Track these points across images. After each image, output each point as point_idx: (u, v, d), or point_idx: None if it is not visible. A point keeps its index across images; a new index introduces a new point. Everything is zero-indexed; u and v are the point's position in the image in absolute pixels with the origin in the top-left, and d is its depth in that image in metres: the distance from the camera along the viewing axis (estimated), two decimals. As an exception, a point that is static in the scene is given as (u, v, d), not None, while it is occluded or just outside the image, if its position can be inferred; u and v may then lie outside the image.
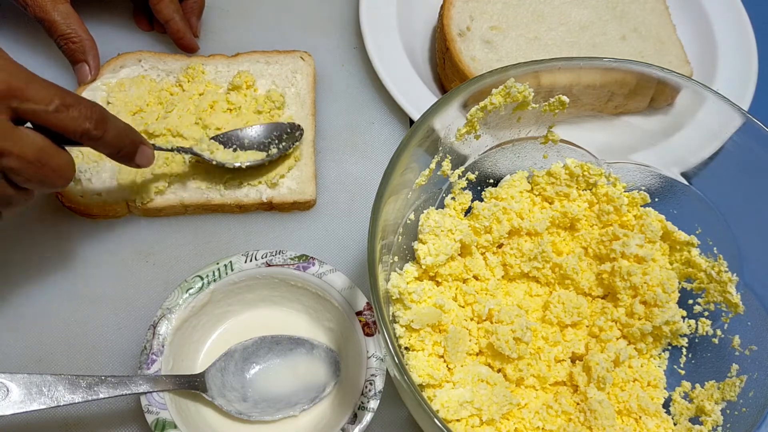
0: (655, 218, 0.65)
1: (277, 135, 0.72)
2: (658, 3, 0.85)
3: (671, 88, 0.64)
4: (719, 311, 0.63)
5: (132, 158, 0.59)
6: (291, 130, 0.73)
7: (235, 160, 0.70)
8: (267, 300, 0.65)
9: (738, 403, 0.59)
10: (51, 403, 0.52)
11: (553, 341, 0.62)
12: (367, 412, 0.57)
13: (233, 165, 0.69)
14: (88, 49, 0.74)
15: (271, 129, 0.72)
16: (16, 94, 0.49)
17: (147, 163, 0.60)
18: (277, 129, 0.72)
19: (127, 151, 0.58)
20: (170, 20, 0.78)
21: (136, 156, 0.58)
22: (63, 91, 0.52)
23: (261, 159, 0.71)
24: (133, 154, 0.58)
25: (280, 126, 0.73)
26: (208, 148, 0.69)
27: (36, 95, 0.50)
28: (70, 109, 0.51)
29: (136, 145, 0.58)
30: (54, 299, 0.67)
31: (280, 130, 0.72)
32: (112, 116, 0.56)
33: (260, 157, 0.71)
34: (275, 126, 0.72)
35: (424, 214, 0.61)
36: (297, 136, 0.73)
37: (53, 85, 0.52)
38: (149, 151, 0.60)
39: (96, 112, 0.54)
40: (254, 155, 0.71)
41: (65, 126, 0.52)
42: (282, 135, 0.72)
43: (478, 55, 0.78)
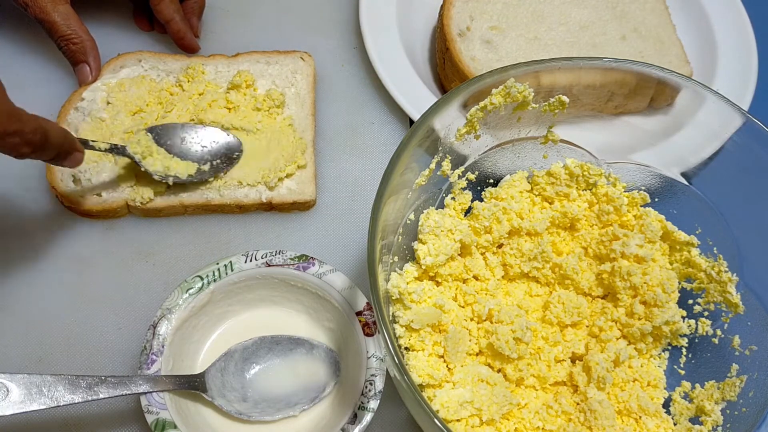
0: (655, 218, 0.65)
1: (216, 149, 0.71)
2: (658, 3, 0.85)
3: (671, 88, 0.64)
4: (719, 311, 0.63)
5: (64, 161, 0.61)
6: (231, 149, 0.72)
7: (164, 172, 0.68)
8: (267, 300, 0.65)
9: (738, 403, 0.59)
10: (51, 403, 0.52)
11: (553, 341, 0.62)
12: (367, 412, 0.57)
13: (161, 178, 0.68)
14: (89, 50, 0.74)
15: (212, 138, 0.71)
16: None
17: (75, 165, 0.62)
18: (218, 142, 0.71)
19: (62, 155, 0.60)
20: (171, 21, 0.78)
21: (66, 160, 0.61)
22: (7, 118, 0.53)
23: (189, 177, 0.69)
24: (67, 157, 0.61)
25: (224, 143, 0.71)
26: (142, 150, 0.67)
27: None
28: (9, 138, 0.53)
29: (69, 153, 0.60)
30: (54, 299, 0.67)
31: (221, 145, 0.71)
32: (53, 130, 0.57)
33: (191, 171, 0.69)
34: (219, 138, 0.71)
35: (424, 214, 0.61)
36: (234, 158, 0.71)
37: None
38: (79, 156, 0.62)
39: (37, 135, 0.55)
40: (185, 168, 0.69)
41: (5, 152, 0.55)
42: (221, 151, 0.71)
43: (478, 55, 0.78)
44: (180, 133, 0.71)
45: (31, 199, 0.71)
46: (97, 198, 0.69)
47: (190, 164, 0.70)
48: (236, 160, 0.72)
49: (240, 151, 0.72)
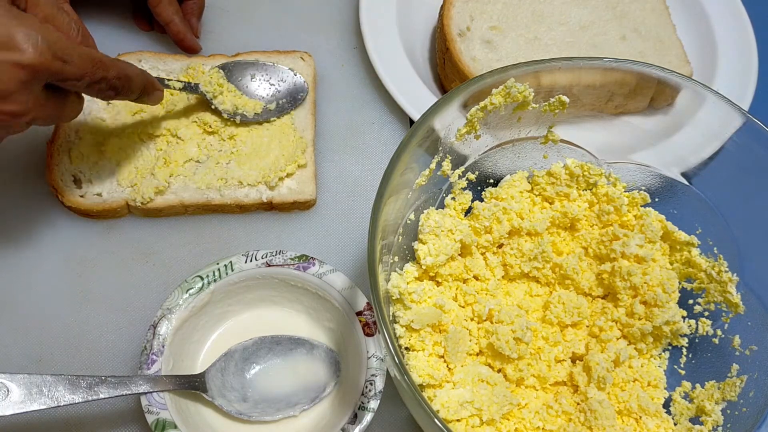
0: (655, 218, 0.65)
1: (283, 88, 0.75)
2: (658, 3, 0.85)
3: (671, 88, 0.64)
4: (719, 311, 0.63)
5: (149, 98, 0.65)
6: (297, 89, 0.75)
7: (233, 110, 0.72)
8: (267, 300, 0.65)
9: (738, 403, 0.59)
10: (51, 403, 0.52)
11: (553, 341, 0.62)
12: (368, 412, 0.57)
13: (229, 116, 0.72)
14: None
15: (280, 77, 0.75)
16: (52, 70, 0.51)
17: (157, 102, 0.66)
18: (285, 81, 0.75)
19: (147, 92, 0.63)
20: (170, 22, 0.78)
21: (149, 98, 0.64)
22: (94, 63, 0.55)
23: (256, 115, 0.73)
24: (151, 94, 0.64)
25: (289, 79, 0.75)
26: (213, 87, 0.72)
27: (70, 72, 0.53)
28: (95, 85, 0.56)
29: (154, 87, 0.64)
30: (54, 299, 0.67)
31: (288, 84, 0.75)
32: (133, 72, 0.60)
33: (258, 110, 0.73)
34: (286, 76, 0.75)
35: (424, 214, 0.61)
36: (299, 99, 0.75)
37: (85, 56, 0.54)
38: (160, 94, 0.66)
39: (121, 80, 0.58)
40: (252, 106, 0.73)
41: (93, 95, 0.58)
42: (287, 91, 0.75)
43: (478, 55, 0.78)
44: (250, 71, 0.75)
45: (31, 199, 0.71)
46: (97, 198, 0.69)
47: (258, 103, 0.74)
48: (301, 101, 0.75)
49: (306, 91, 0.76)
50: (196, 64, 0.76)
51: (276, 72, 0.75)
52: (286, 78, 0.75)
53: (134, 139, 0.72)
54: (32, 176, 0.72)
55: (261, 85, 0.75)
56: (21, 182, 0.72)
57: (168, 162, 0.71)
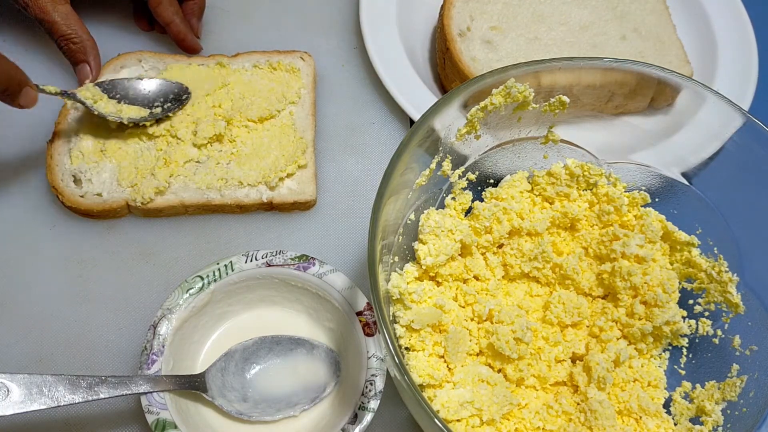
0: (656, 218, 0.65)
1: (164, 94, 0.73)
2: (658, 3, 0.85)
3: (671, 88, 0.64)
4: (720, 311, 0.63)
5: (15, 99, 0.61)
6: (178, 92, 0.74)
7: (118, 114, 0.70)
8: (267, 300, 0.65)
9: (738, 403, 0.59)
10: (51, 403, 0.52)
11: (553, 341, 0.62)
12: (368, 412, 0.57)
13: (116, 119, 0.70)
14: (89, 50, 0.74)
15: (159, 87, 0.73)
16: None
17: (29, 104, 0.62)
18: (165, 88, 0.74)
19: (12, 92, 0.60)
20: (171, 23, 0.78)
21: (19, 97, 0.61)
22: None
23: (143, 116, 0.71)
24: (17, 95, 0.61)
25: (168, 86, 0.74)
26: (92, 96, 0.70)
27: None
28: None
29: (21, 86, 0.60)
30: (54, 299, 0.67)
31: (169, 90, 0.74)
32: (3, 60, 0.58)
33: (144, 114, 0.72)
34: (164, 84, 0.74)
35: (424, 215, 0.61)
36: (183, 99, 0.74)
37: None
38: (32, 93, 0.62)
39: None
40: (137, 112, 0.71)
41: None
42: (169, 95, 0.73)
43: (478, 56, 0.78)
44: (126, 86, 0.73)
45: (32, 199, 0.71)
46: (97, 198, 0.69)
47: (141, 109, 0.72)
48: (186, 101, 0.74)
49: (188, 93, 0.74)
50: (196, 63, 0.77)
51: (151, 83, 0.74)
52: (162, 86, 0.74)
53: (134, 139, 0.72)
54: (32, 176, 0.72)
55: (139, 96, 0.73)
56: (21, 182, 0.72)
57: (168, 162, 0.71)
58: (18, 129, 0.75)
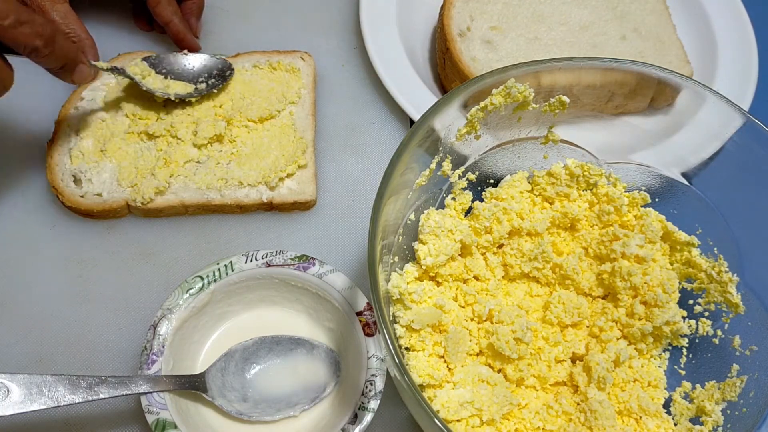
0: (656, 218, 0.65)
1: (208, 70, 0.75)
2: (658, 3, 0.85)
3: (671, 88, 0.64)
4: (720, 311, 0.63)
5: (70, 75, 0.62)
6: (222, 68, 0.75)
7: (165, 90, 0.72)
8: (267, 300, 0.65)
9: (738, 403, 0.59)
10: (51, 403, 0.52)
11: (553, 341, 0.62)
12: (368, 412, 0.57)
13: (163, 94, 0.72)
14: (88, 49, 0.74)
15: (204, 62, 0.75)
16: None
17: (82, 80, 0.63)
18: (209, 64, 0.75)
19: (68, 68, 0.61)
20: (169, 22, 0.78)
21: (74, 73, 0.62)
22: (19, 7, 0.54)
23: (189, 92, 0.73)
24: (73, 71, 0.61)
25: (213, 62, 0.75)
26: (141, 72, 0.72)
27: None
28: (24, 26, 0.54)
29: (75, 63, 0.61)
30: (54, 299, 0.67)
31: (212, 66, 0.75)
32: (61, 33, 0.59)
33: (189, 90, 0.74)
34: (209, 60, 0.75)
35: (424, 215, 0.61)
36: (227, 76, 0.75)
37: (11, 1, 0.53)
38: (86, 69, 0.63)
39: (47, 30, 0.56)
40: (183, 87, 0.73)
41: (16, 41, 0.55)
42: (213, 71, 0.75)
43: (478, 55, 0.78)
44: (172, 61, 0.75)
45: (32, 199, 0.71)
46: (97, 198, 0.69)
47: (187, 84, 0.74)
48: (230, 77, 0.76)
49: (231, 69, 0.76)
50: None
51: (196, 58, 0.76)
52: (206, 62, 0.76)
53: (134, 139, 0.72)
54: (32, 176, 0.72)
55: (185, 71, 0.75)
56: (21, 182, 0.72)
57: (168, 162, 0.71)
58: (18, 129, 0.75)
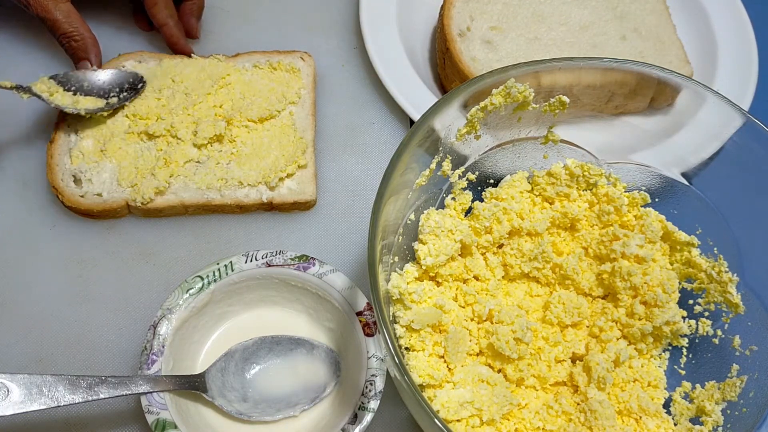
0: (656, 218, 0.65)
1: (119, 84, 0.73)
2: (658, 3, 0.85)
3: (671, 88, 0.64)
4: (720, 311, 0.63)
5: None
6: (133, 81, 0.74)
7: (74, 105, 0.70)
8: (267, 300, 0.65)
9: (738, 403, 0.59)
10: (51, 403, 0.52)
11: (553, 341, 0.62)
12: (368, 412, 0.57)
13: (72, 110, 0.70)
14: (90, 47, 0.74)
15: (114, 76, 0.73)
16: None
17: None
18: (120, 78, 0.73)
19: None
20: (164, 25, 0.78)
21: None
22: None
23: (99, 107, 0.71)
24: None
25: (123, 75, 0.74)
26: (48, 89, 0.70)
27: None
28: None
29: None
30: (54, 299, 0.67)
31: (123, 79, 0.73)
32: None
33: (100, 104, 0.72)
34: (119, 74, 0.74)
35: (424, 215, 0.61)
36: (139, 88, 0.74)
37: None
38: None
39: None
40: (93, 102, 0.71)
41: None
42: (124, 85, 0.73)
43: (478, 56, 0.78)
44: (80, 77, 0.72)
45: (32, 199, 0.71)
46: (97, 198, 0.69)
47: (97, 99, 0.72)
48: (142, 89, 0.74)
49: (143, 81, 0.74)
50: None
51: (105, 73, 0.73)
52: (115, 76, 0.73)
53: (134, 139, 0.72)
54: (32, 176, 0.72)
55: (94, 87, 0.73)
56: (21, 182, 0.72)
57: (168, 162, 0.71)
58: (18, 129, 0.75)
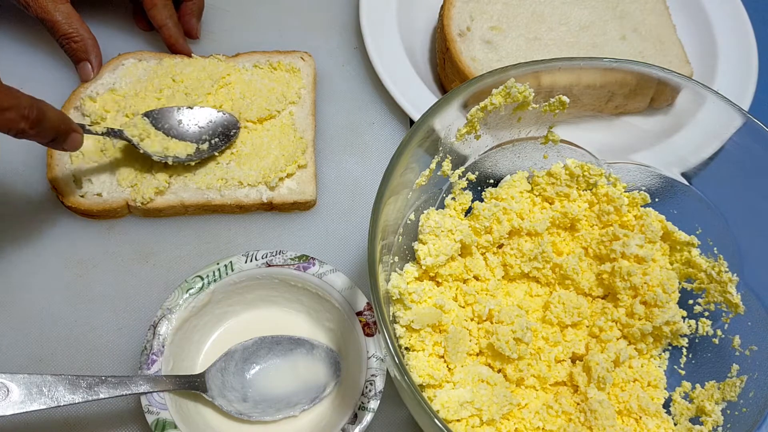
0: (656, 218, 0.65)
1: (212, 128, 0.72)
2: (658, 3, 0.85)
3: (671, 88, 0.64)
4: (719, 311, 0.63)
5: (62, 145, 0.61)
6: (228, 126, 0.72)
7: (163, 153, 0.69)
8: (267, 300, 0.65)
9: (738, 403, 0.59)
10: (51, 403, 0.52)
11: (553, 341, 0.62)
12: (368, 412, 0.57)
13: (160, 159, 0.69)
14: (90, 48, 0.74)
15: (209, 118, 0.72)
16: None
17: (74, 147, 0.62)
18: (215, 120, 0.72)
19: (60, 140, 0.60)
20: (163, 26, 0.78)
21: (65, 142, 0.61)
22: (3, 94, 0.53)
23: (188, 156, 0.70)
24: (64, 141, 0.61)
25: (220, 118, 0.72)
26: (139, 134, 0.68)
27: None
28: (6, 113, 0.54)
29: (67, 134, 0.61)
30: (54, 299, 0.67)
31: (218, 123, 0.72)
32: (49, 110, 0.58)
33: (190, 151, 0.70)
34: (214, 116, 0.72)
35: (424, 215, 0.61)
36: (232, 135, 0.72)
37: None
38: (78, 137, 0.62)
39: (33, 111, 0.56)
40: (183, 148, 0.70)
41: (3, 129, 0.55)
42: (218, 129, 0.72)
43: (478, 56, 0.78)
44: (176, 116, 0.71)
45: (32, 199, 0.71)
46: (97, 198, 0.69)
47: (189, 144, 0.70)
48: (234, 137, 0.72)
49: (237, 128, 0.73)
50: None
51: (202, 113, 0.72)
52: (213, 118, 0.72)
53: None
54: (32, 176, 0.72)
55: (190, 128, 0.71)
56: (21, 182, 0.72)
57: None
58: (18, 129, 0.75)
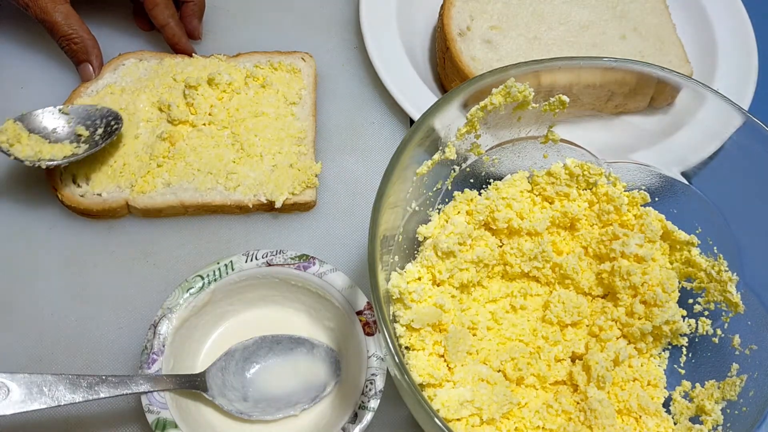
0: (655, 218, 0.65)
1: (91, 125, 0.67)
2: (658, 3, 0.85)
3: (671, 88, 0.64)
4: (719, 311, 0.63)
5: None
6: (108, 121, 0.68)
7: (36, 157, 0.64)
8: (267, 299, 0.65)
9: (738, 402, 0.59)
10: (51, 402, 0.52)
11: (553, 341, 0.62)
12: (368, 411, 0.57)
13: (32, 163, 0.64)
14: (90, 49, 0.74)
15: (86, 113, 0.68)
16: None
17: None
18: (92, 116, 0.68)
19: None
20: (165, 26, 0.78)
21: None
22: None
23: (66, 158, 0.66)
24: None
25: (96, 114, 0.68)
26: (8, 139, 0.64)
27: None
28: None
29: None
30: (54, 299, 0.67)
31: (96, 117, 0.68)
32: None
33: (67, 153, 0.66)
34: (91, 111, 0.68)
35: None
36: (114, 130, 0.68)
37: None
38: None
39: None
40: (60, 150, 0.65)
41: None
42: (97, 124, 0.67)
43: (478, 55, 0.78)
44: (48, 117, 0.67)
45: (32, 199, 0.71)
46: (96, 198, 0.69)
47: (65, 146, 0.66)
48: (117, 130, 0.68)
49: (119, 120, 0.69)
50: None
51: (76, 111, 0.68)
52: (91, 115, 0.68)
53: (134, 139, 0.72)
54: (32, 176, 0.72)
55: (64, 128, 0.67)
56: (21, 182, 0.72)
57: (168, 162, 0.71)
58: (18, 129, 0.75)
